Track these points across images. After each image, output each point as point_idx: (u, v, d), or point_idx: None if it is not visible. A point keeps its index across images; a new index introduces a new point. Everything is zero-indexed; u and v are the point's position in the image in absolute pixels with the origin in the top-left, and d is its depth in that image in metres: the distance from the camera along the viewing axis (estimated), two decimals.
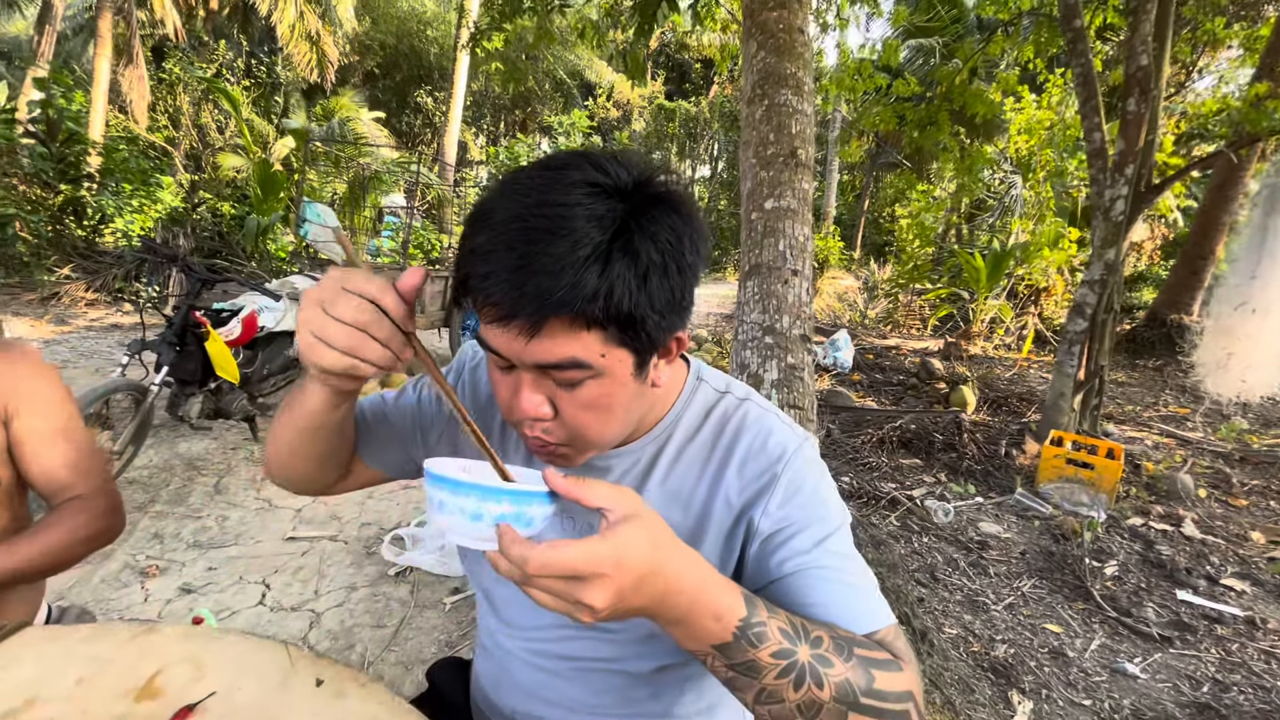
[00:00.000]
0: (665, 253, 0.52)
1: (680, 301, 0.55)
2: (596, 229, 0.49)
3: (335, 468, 0.78)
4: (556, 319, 0.49)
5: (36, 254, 6.27)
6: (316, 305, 0.52)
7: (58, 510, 0.96)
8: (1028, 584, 2.61)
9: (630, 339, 0.53)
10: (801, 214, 2.38)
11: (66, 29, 14.28)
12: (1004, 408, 4.98)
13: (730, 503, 0.67)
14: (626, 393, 0.57)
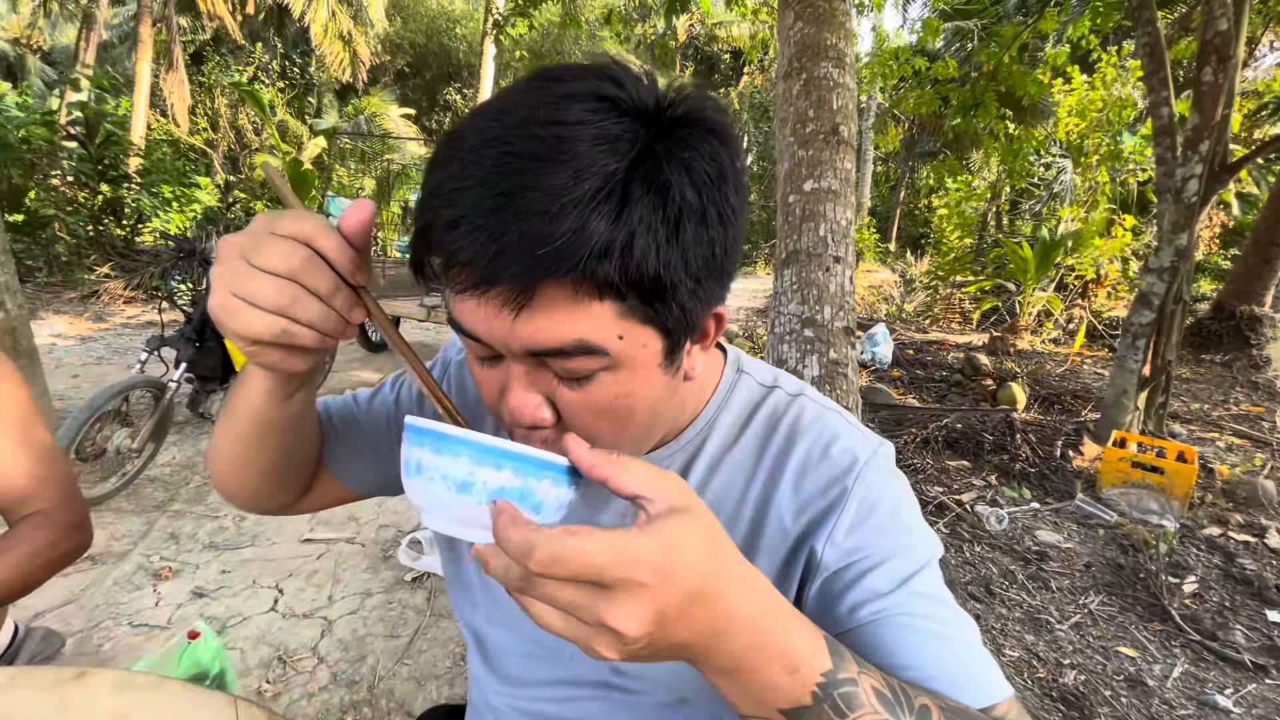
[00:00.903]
0: (704, 191, 0.36)
1: (721, 263, 0.40)
2: (608, 155, 0.34)
3: (294, 481, 0.61)
4: (554, 284, 0.35)
5: (77, 253, 6.42)
6: (236, 256, 0.37)
7: (16, 529, 0.86)
8: (1095, 600, 2.38)
9: (658, 313, 0.38)
10: (844, 196, 2.19)
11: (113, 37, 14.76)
12: (1057, 406, 4.67)
13: (785, 526, 0.51)
14: (653, 389, 0.42)
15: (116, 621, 1.93)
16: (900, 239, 19.14)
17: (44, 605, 1.93)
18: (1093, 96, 7.62)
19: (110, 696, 0.62)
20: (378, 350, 5.49)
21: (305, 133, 12.00)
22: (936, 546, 0.52)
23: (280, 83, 13.23)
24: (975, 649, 0.47)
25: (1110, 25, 5.60)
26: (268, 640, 1.91)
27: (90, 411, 2.40)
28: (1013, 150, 6.22)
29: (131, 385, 2.57)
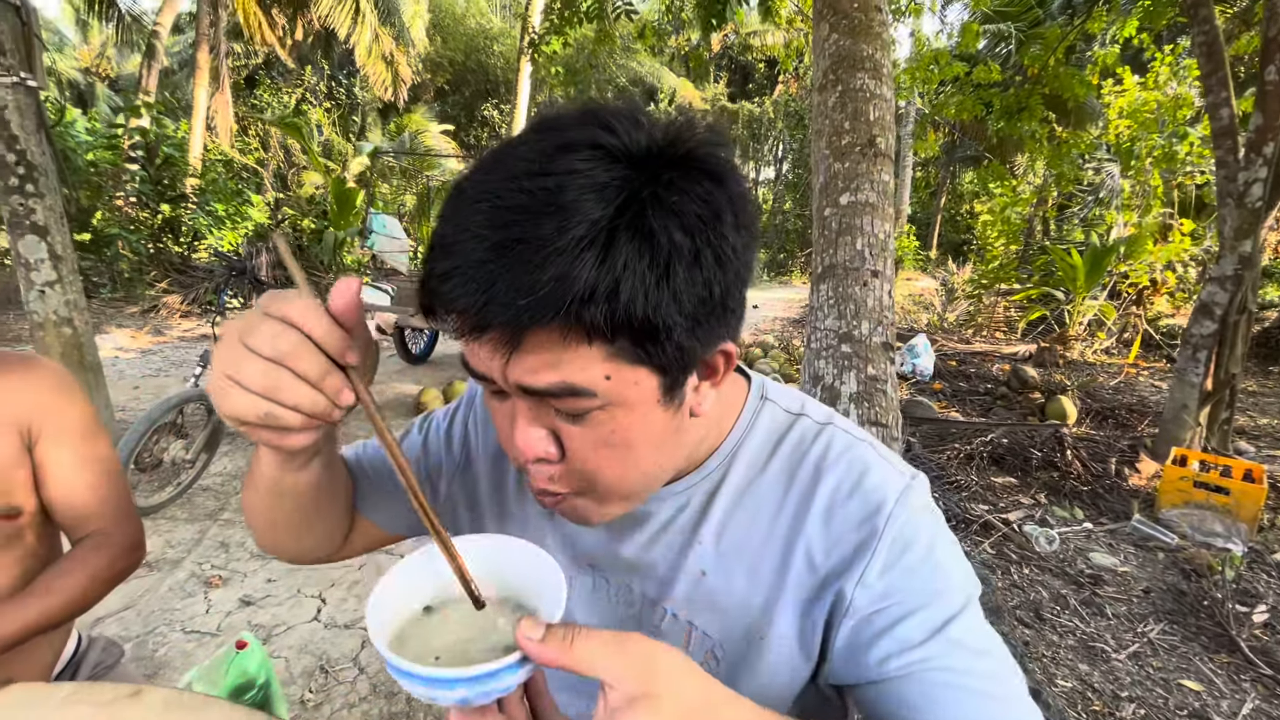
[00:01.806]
0: (695, 233, 0.37)
1: (722, 302, 0.39)
2: (595, 202, 0.35)
3: (327, 535, 0.62)
4: (541, 330, 0.36)
5: (138, 270, 6.76)
6: (234, 336, 0.37)
7: (78, 551, 0.89)
8: (1155, 629, 2.25)
9: (650, 354, 0.38)
10: (881, 208, 2.15)
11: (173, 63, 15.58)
12: (1111, 420, 4.47)
13: (814, 564, 0.49)
14: (652, 426, 0.42)
15: (170, 628, 2.01)
16: (941, 246, 18.70)
17: (104, 611, 2.03)
18: (1145, 97, 7.33)
19: (161, 715, 0.65)
20: (416, 362, 5.61)
21: (350, 150, 12.42)
22: (975, 585, 0.49)
23: (327, 103, 13.74)
24: (1016, 702, 0.44)
25: (1163, 23, 5.39)
26: (311, 650, 1.95)
27: (148, 424, 2.52)
28: (1060, 154, 6.01)
29: (186, 399, 2.68)
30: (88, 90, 20.55)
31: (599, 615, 0.58)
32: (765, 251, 17.97)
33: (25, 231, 2.64)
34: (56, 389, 0.90)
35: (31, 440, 0.88)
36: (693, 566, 0.53)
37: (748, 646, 0.51)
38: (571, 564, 0.59)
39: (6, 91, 2.53)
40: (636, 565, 0.55)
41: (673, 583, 0.53)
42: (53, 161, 2.72)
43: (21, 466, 0.85)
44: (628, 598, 0.56)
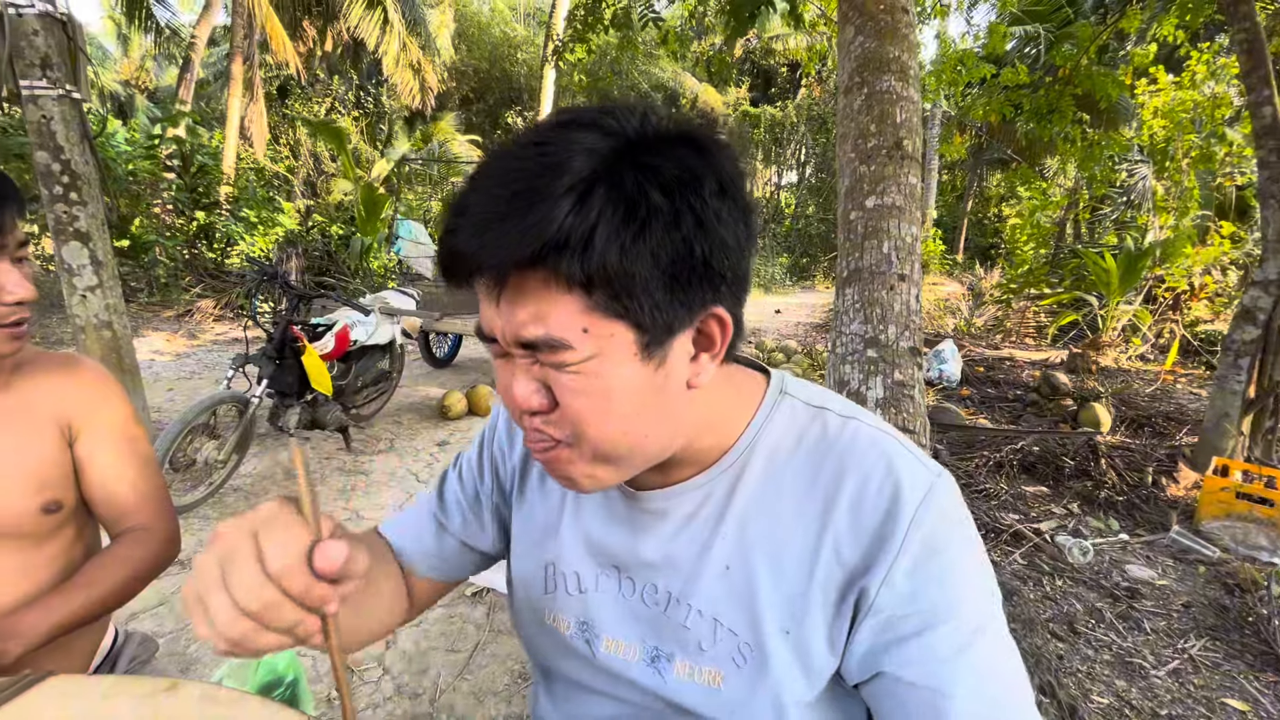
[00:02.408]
0: (674, 195, 0.39)
1: (705, 263, 0.41)
2: (583, 161, 0.39)
3: (385, 615, 0.64)
4: (527, 273, 0.40)
5: (173, 275, 6.95)
6: (214, 558, 0.38)
7: (117, 545, 0.92)
8: (1196, 645, 2.17)
9: (626, 309, 0.41)
10: (908, 211, 2.12)
11: (208, 75, 16.05)
12: (1147, 428, 4.34)
13: (841, 557, 0.49)
14: (630, 380, 0.43)
15: None
16: (968, 250, 18.40)
17: (139, 607, 2.08)
18: (1181, 96, 7.13)
19: (197, 708, 0.66)
20: (441, 366, 5.68)
21: (377, 158, 12.66)
22: (996, 592, 0.49)
23: (355, 112, 14.02)
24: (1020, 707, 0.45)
25: (1200, 21, 5.24)
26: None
27: (182, 425, 2.58)
28: (1092, 156, 5.87)
29: (219, 400, 2.74)
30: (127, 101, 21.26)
31: (626, 615, 0.57)
32: (788, 256, 17.85)
33: (69, 238, 2.74)
34: (97, 387, 0.93)
35: (72, 436, 0.90)
36: (717, 561, 0.52)
37: (775, 641, 0.50)
38: (595, 564, 0.59)
39: (53, 104, 2.62)
40: (659, 563, 0.55)
41: (697, 578, 0.53)
42: (95, 171, 2.82)
43: (63, 462, 0.88)
44: (653, 596, 0.56)
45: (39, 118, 2.62)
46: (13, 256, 0.76)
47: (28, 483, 0.83)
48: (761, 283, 15.75)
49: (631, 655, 0.57)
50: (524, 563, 0.64)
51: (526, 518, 0.65)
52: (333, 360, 3.41)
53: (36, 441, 0.85)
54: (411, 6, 12.17)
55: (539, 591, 0.62)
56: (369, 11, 10.91)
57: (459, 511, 0.68)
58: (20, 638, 0.75)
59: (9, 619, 0.76)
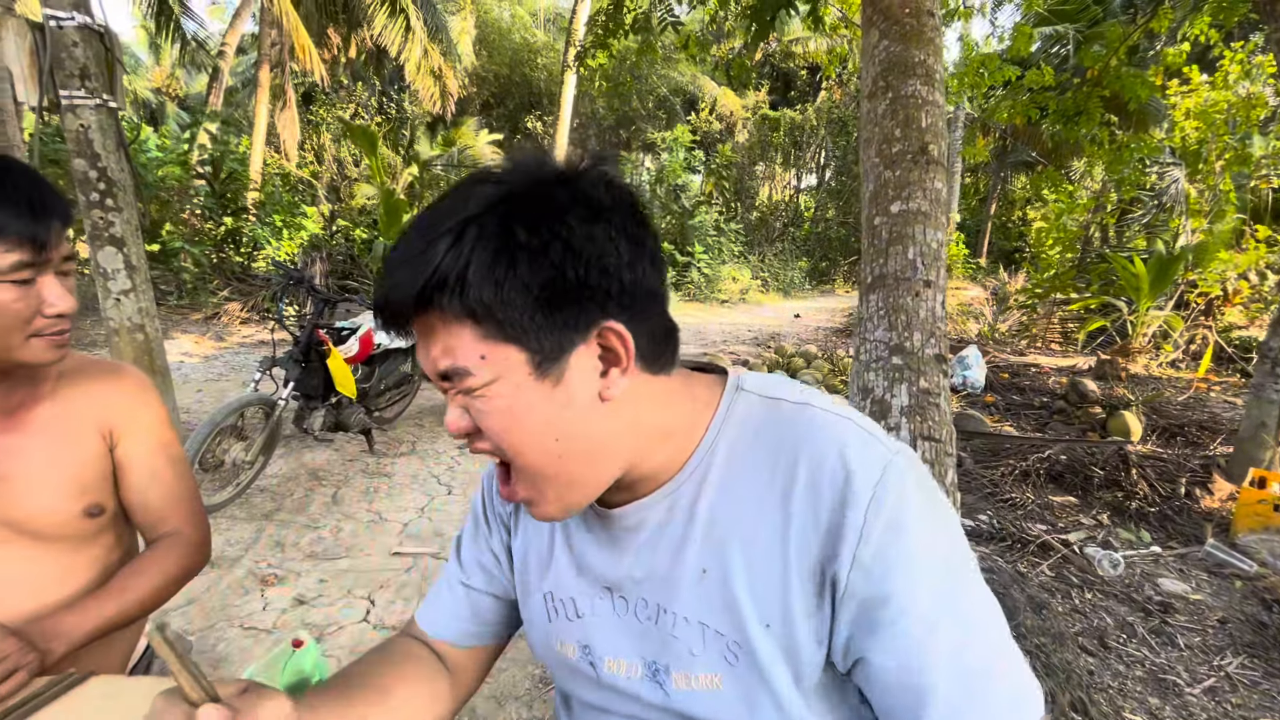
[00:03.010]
0: (540, 228, 0.43)
1: (581, 284, 0.45)
2: (466, 209, 0.44)
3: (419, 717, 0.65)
4: (425, 313, 0.45)
5: (201, 279, 7.10)
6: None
7: (151, 551, 0.94)
8: (1233, 662, 2.11)
9: (512, 334, 0.44)
10: (934, 217, 2.09)
11: (236, 82, 16.40)
12: (1179, 438, 4.23)
13: (807, 546, 0.48)
14: (531, 398, 0.46)
15: (229, 624, 2.09)
16: (991, 254, 18.12)
17: (170, 605, 2.12)
18: (1215, 97, 6.96)
19: None
20: None
21: (399, 163, 12.81)
22: (968, 555, 0.49)
23: (378, 118, 14.22)
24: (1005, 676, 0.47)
25: (1235, 20, 5.11)
26: (360, 650, 2.00)
27: (211, 427, 2.63)
28: (1121, 158, 5.74)
29: (246, 403, 2.79)
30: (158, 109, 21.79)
31: (623, 634, 0.58)
32: (807, 260, 17.72)
33: (104, 243, 2.81)
34: (138, 395, 0.95)
35: (113, 442, 0.92)
36: (692, 566, 0.53)
37: (759, 637, 0.50)
38: (588, 588, 0.60)
39: (90, 113, 2.70)
40: (642, 576, 0.56)
41: (678, 586, 0.54)
42: (130, 177, 2.89)
43: (104, 467, 0.90)
44: (644, 611, 0.56)
45: (77, 126, 2.69)
46: (57, 270, 0.78)
47: (71, 487, 0.85)
48: (781, 286, 15.66)
49: (634, 673, 0.57)
50: (528, 594, 0.65)
51: (524, 551, 0.66)
52: (356, 363, 3.46)
53: (80, 447, 0.87)
54: (433, 13, 12.33)
55: (544, 621, 0.63)
56: (392, 19, 11.07)
57: (479, 569, 0.69)
58: (62, 638, 0.77)
59: (51, 620, 0.78)
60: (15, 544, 0.82)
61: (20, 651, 0.70)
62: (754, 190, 19.25)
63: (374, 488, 3.23)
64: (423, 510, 3.01)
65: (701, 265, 13.18)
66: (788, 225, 18.95)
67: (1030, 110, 5.53)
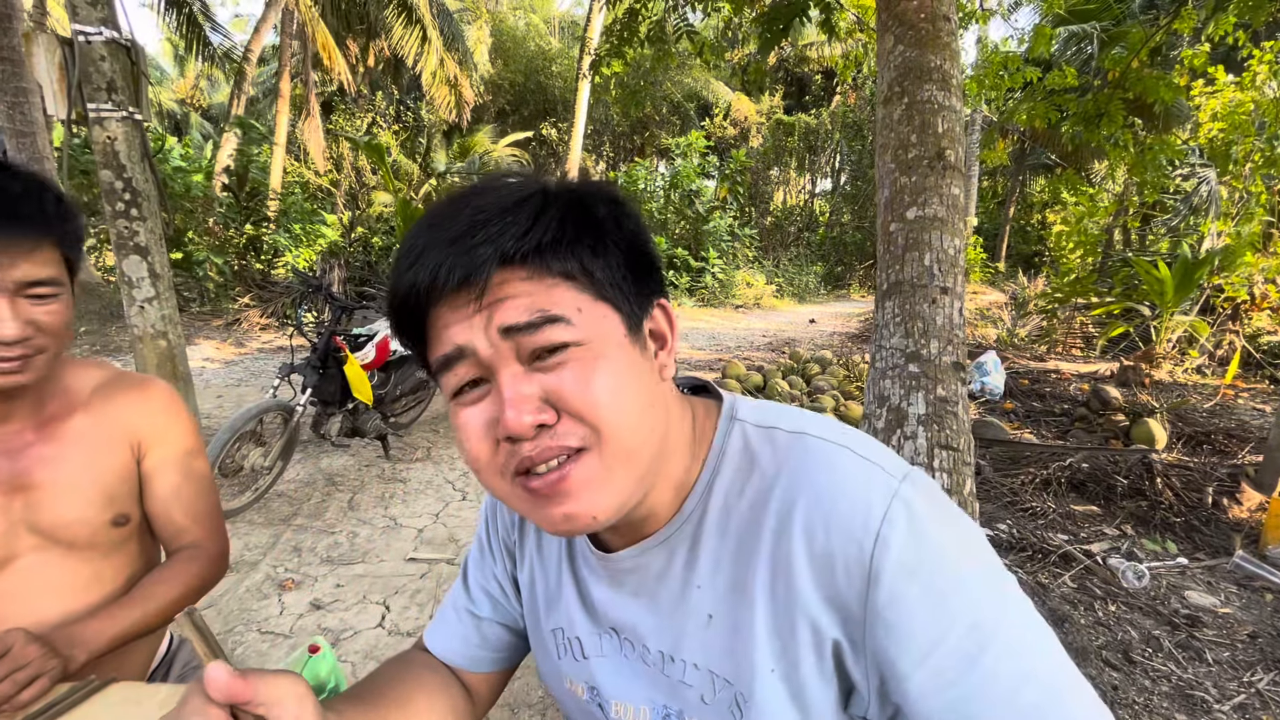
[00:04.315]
0: (612, 208, 0.47)
1: (648, 256, 0.48)
2: (530, 192, 0.45)
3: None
4: (506, 274, 0.42)
5: (223, 286, 7.23)
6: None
7: (172, 562, 0.95)
8: (1264, 679, 2.05)
9: (606, 294, 0.45)
10: (950, 223, 2.07)
11: (258, 92, 16.72)
12: (1206, 446, 4.13)
13: (812, 586, 0.45)
14: (630, 360, 0.45)
15: (247, 627, 2.11)
16: (1010, 258, 17.90)
17: None
18: (1241, 98, 6.82)
19: None
20: None
21: (416, 171, 12.97)
22: (1000, 576, 0.45)
23: (395, 126, 14.43)
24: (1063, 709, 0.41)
25: (1263, 19, 5.01)
26: (375, 655, 2.01)
27: (231, 432, 2.67)
28: (1145, 160, 5.65)
29: (266, 409, 2.83)
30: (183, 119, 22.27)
31: (631, 677, 0.56)
32: (822, 265, 17.63)
33: (129, 252, 2.87)
34: (167, 408, 0.96)
35: (141, 454, 0.94)
36: (698, 613, 0.51)
37: (765, 683, 0.48)
38: (594, 628, 0.59)
39: (117, 125, 2.76)
40: (645, 623, 0.54)
41: (683, 634, 0.52)
42: (154, 188, 2.95)
43: (131, 478, 0.92)
44: (649, 656, 0.55)
45: (104, 138, 2.76)
46: (14, 294, 0.73)
47: (100, 497, 0.87)
48: (796, 291, 15.59)
49: (643, 718, 0.56)
50: (538, 628, 0.64)
51: (529, 583, 0.65)
52: (373, 370, 3.50)
53: (109, 457, 0.89)
54: (449, 23, 12.49)
55: (554, 657, 0.62)
56: (408, 29, 11.24)
57: (487, 598, 0.68)
58: (84, 645, 0.78)
59: (75, 628, 0.80)
60: (45, 551, 0.84)
61: (43, 658, 0.72)
62: (768, 195, 19.20)
63: (390, 493, 3.26)
64: (438, 516, 3.03)
65: (716, 270, 13.17)
66: (802, 230, 18.87)
67: (1051, 113, 5.46)
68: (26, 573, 0.83)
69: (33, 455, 0.83)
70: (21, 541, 0.83)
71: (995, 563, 0.46)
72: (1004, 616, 0.43)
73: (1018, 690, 0.41)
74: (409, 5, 11.03)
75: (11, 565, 0.83)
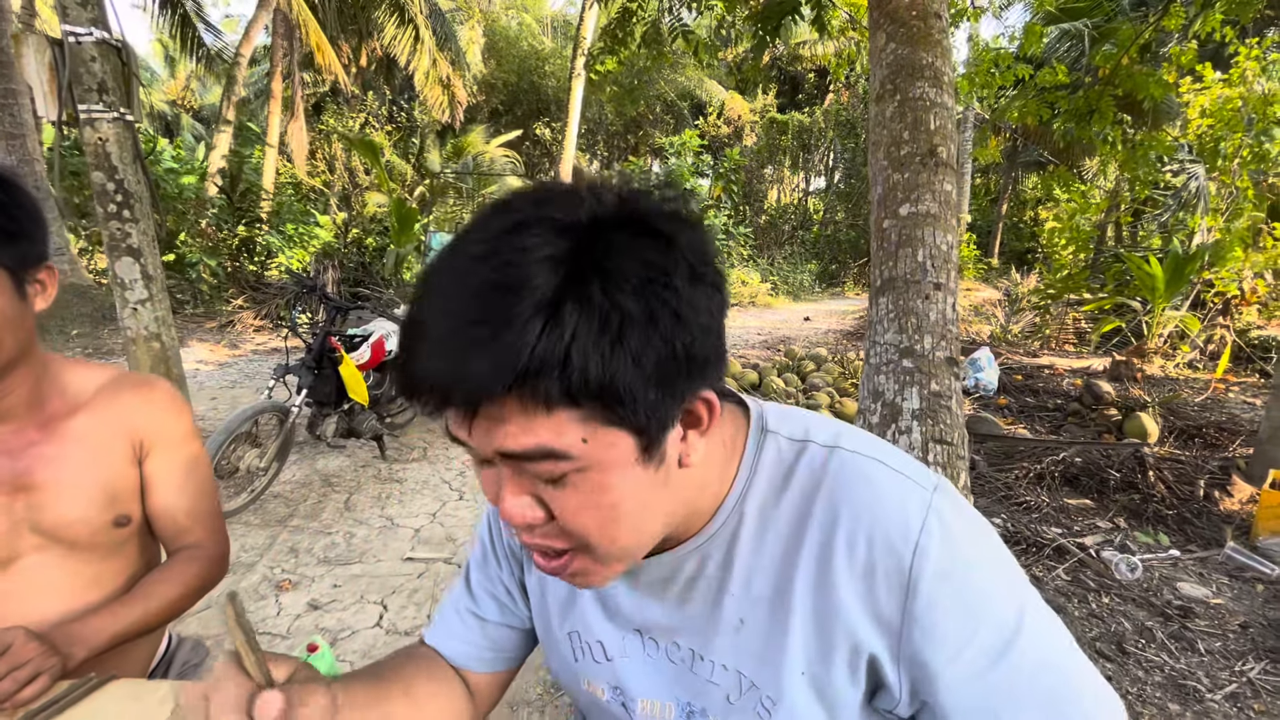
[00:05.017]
0: (646, 296, 0.37)
1: (687, 355, 0.39)
2: (543, 276, 0.35)
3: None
4: (501, 399, 0.36)
5: (216, 288, 7.20)
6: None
7: (173, 562, 0.95)
8: (1255, 668, 2.07)
9: (620, 417, 0.38)
10: (943, 219, 2.09)
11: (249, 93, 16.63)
12: (1197, 439, 4.17)
13: (848, 610, 0.47)
14: (634, 485, 0.42)
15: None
16: (1003, 254, 17.98)
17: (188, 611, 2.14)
18: (1229, 94, 6.88)
19: None
20: None
21: (409, 172, 12.95)
22: (1022, 581, 0.49)
23: (388, 126, 14.39)
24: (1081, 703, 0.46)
25: (1250, 16, 5.06)
26: (373, 655, 2.01)
27: (226, 434, 2.67)
28: (1136, 157, 5.69)
29: (261, 410, 2.83)
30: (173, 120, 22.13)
31: (656, 675, 0.57)
32: (816, 263, 17.68)
33: (122, 254, 2.86)
34: (170, 409, 0.96)
35: (142, 455, 0.94)
36: (729, 618, 0.52)
37: (794, 685, 0.50)
38: (617, 630, 0.59)
39: (108, 126, 2.75)
40: (675, 625, 0.55)
41: (714, 636, 0.53)
42: (146, 189, 2.94)
43: (132, 479, 0.92)
44: (677, 654, 0.56)
45: (95, 140, 2.74)
46: None
47: (101, 496, 0.87)
48: (790, 290, 15.62)
49: (668, 714, 0.57)
50: (550, 632, 0.65)
51: (540, 589, 0.65)
52: (368, 370, 3.49)
53: (111, 457, 0.89)
54: (442, 23, 12.47)
55: (570, 660, 0.63)
56: (400, 29, 11.20)
57: (491, 600, 0.68)
58: (84, 643, 0.78)
59: (74, 625, 0.80)
60: (46, 551, 0.84)
61: (42, 655, 0.72)
62: (762, 193, 19.23)
63: (386, 493, 3.25)
64: (434, 516, 3.03)
65: None
66: (797, 228, 18.91)
67: (1042, 110, 5.49)
68: (28, 573, 0.84)
69: (35, 455, 0.83)
70: (23, 541, 0.83)
71: (1011, 561, 0.49)
72: (1024, 612, 0.46)
73: (1036, 677, 0.45)
74: (401, 5, 11.01)
75: (13, 565, 0.83)
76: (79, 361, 0.94)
